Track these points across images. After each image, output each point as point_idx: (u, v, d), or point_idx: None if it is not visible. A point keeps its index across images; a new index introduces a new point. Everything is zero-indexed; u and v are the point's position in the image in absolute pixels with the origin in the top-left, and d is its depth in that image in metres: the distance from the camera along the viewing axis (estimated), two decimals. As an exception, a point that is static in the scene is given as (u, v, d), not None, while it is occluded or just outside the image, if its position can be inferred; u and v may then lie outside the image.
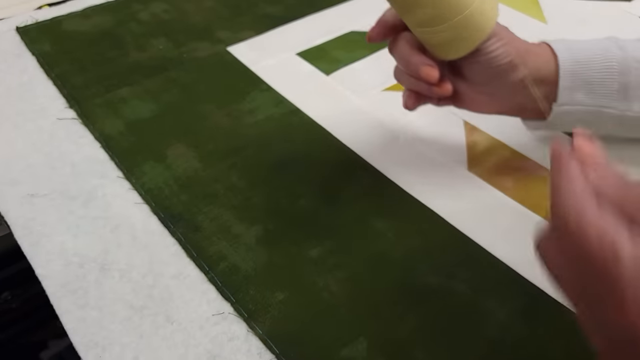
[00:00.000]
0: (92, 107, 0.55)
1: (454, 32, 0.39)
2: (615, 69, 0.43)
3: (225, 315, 0.39)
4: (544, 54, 0.43)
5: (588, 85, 0.43)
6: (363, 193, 0.47)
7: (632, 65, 0.43)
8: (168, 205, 0.46)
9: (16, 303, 0.78)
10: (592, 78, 0.43)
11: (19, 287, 0.78)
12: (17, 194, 0.46)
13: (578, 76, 0.43)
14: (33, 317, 0.84)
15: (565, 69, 0.43)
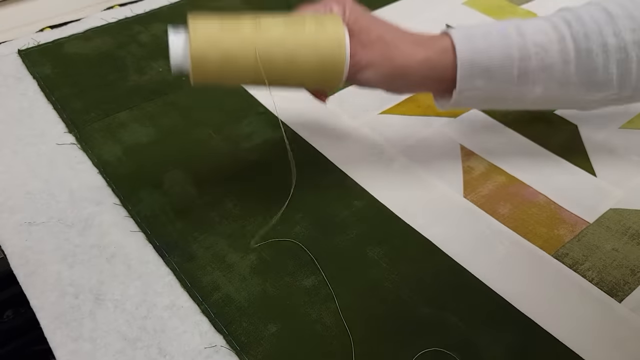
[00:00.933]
0: (91, 131, 0.55)
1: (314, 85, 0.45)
2: (514, 56, 0.44)
3: (218, 348, 0.39)
4: (440, 44, 0.44)
5: (487, 72, 0.44)
6: (358, 219, 0.47)
7: (532, 50, 0.44)
8: (163, 233, 0.46)
9: (20, 321, 0.79)
10: (492, 66, 0.44)
11: (22, 305, 0.78)
12: (15, 222, 0.47)
13: (477, 64, 0.44)
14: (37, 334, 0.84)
15: (463, 58, 0.44)
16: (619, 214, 0.47)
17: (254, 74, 0.40)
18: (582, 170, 0.51)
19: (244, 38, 0.39)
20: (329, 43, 0.41)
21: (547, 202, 0.48)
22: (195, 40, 0.38)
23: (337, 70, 0.42)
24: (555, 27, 0.44)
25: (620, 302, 0.40)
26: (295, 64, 0.41)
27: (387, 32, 0.44)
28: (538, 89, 0.45)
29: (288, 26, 0.41)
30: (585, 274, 0.42)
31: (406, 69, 0.44)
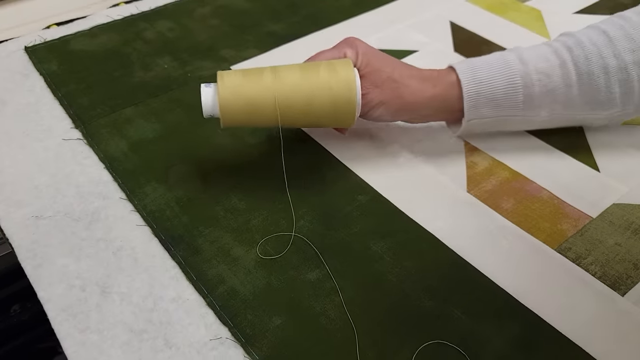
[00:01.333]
0: (97, 127, 0.56)
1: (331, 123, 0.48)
2: (518, 83, 0.47)
3: (223, 340, 0.39)
4: (446, 79, 0.48)
5: (493, 101, 0.47)
6: (362, 214, 0.47)
7: (534, 77, 0.46)
8: (169, 227, 0.46)
9: (26, 315, 0.80)
10: (496, 95, 0.47)
11: (29, 300, 0.79)
12: (23, 216, 0.47)
13: (482, 95, 0.47)
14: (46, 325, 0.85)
15: (469, 90, 0.47)
16: (622, 209, 0.47)
17: (275, 118, 0.45)
18: (585, 166, 0.51)
19: (264, 86, 0.45)
20: (341, 86, 0.45)
21: (550, 197, 0.48)
22: (223, 91, 0.44)
23: (350, 111, 0.46)
24: (556, 53, 0.47)
25: (623, 295, 0.41)
26: (311, 107, 0.45)
27: (395, 71, 0.47)
28: (544, 112, 0.48)
29: (303, 73, 0.45)
30: (588, 268, 0.42)
31: (416, 104, 0.47)
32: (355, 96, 0.45)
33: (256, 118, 0.45)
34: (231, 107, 0.44)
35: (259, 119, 0.46)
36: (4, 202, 0.48)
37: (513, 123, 0.50)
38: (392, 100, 0.47)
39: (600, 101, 0.47)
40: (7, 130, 0.56)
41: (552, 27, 0.69)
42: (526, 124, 0.50)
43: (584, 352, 0.38)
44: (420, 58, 0.64)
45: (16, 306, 0.77)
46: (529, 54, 0.47)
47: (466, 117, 0.48)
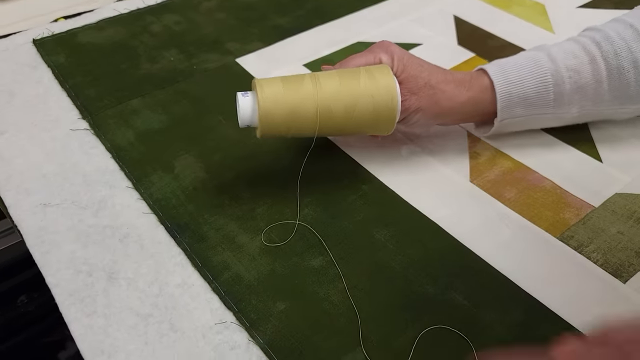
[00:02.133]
0: (104, 118, 0.56)
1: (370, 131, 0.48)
2: (549, 81, 0.47)
3: (228, 324, 0.40)
4: (480, 83, 0.48)
5: (525, 100, 0.47)
6: (365, 203, 0.47)
7: (565, 74, 0.47)
8: (175, 215, 0.47)
9: (33, 306, 0.81)
10: (528, 94, 0.47)
11: (35, 290, 0.80)
12: (31, 203, 0.48)
13: (514, 95, 0.47)
14: (50, 318, 0.86)
15: (502, 91, 0.47)
16: (625, 199, 0.47)
17: (315, 127, 0.44)
18: (588, 157, 0.51)
19: (305, 95, 0.43)
20: (382, 93, 0.44)
21: (553, 187, 0.48)
22: (263, 100, 0.43)
23: (390, 118, 0.45)
24: (585, 49, 0.47)
25: (625, 282, 0.41)
26: (352, 116, 0.44)
27: (432, 77, 0.47)
28: (574, 109, 0.48)
29: (343, 80, 0.44)
30: (590, 255, 0.43)
31: (452, 109, 0.47)
32: (396, 104, 0.44)
33: (296, 127, 0.44)
34: (272, 116, 0.43)
35: (298, 128, 0.44)
36: (13, 190, 0.49)
37: (543, 121, 0.50)
38: (430, 107, 0.47)
39: (630, 96, 0.47)
40: (16, 120, 0.56)
41: (556, 21, 0.70)
42: (556, 121, 0.50)
43: (585, 337, 0.38)
44: (424, 51, 0.65)
45: (23, 297, 0.78)
46: (557, 52, 0.47)
47: (499, 117, 0.48)
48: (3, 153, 0.53)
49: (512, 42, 0.66)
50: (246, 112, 0.43)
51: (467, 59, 0.64)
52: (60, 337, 0.87)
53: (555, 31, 0.68)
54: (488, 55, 0.64)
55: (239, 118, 0.44)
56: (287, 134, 0.45)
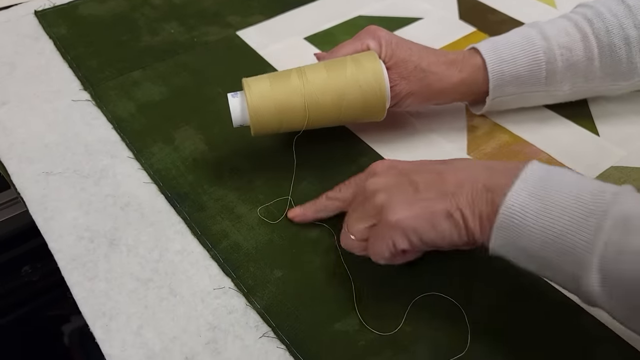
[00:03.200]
0: (106, 89, 0.57)
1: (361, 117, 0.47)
2: (541, 59, 0.47)
3: (226, 289, 0.41)
4: (472, 62, 0.47)
5: (517, 79, 0.47)
6: (360, 170, 0.48)
7: (557, 52, 0.46)
8: (175, 185, 0.48)
9: (36, 276, 0.82)
10: (520, 72, 0.47)
11: (39, 260, 0.82)
12: (34, 171, 0.49)
13: (506, 73, 0.47)
14: (55, 291, 0.88)
15: (494, 70, 0.47)
16: (620, 172, 0.47)
17: (305, 118, 0.44)
18: (585, 131, 0.51)
19: (292, 89, 0.44)
20: (370, 82, 0.44)
21: (549, 160, 0.49)
22: (251, 98, 0.43)
23: (380, 105, 0.45)
24: (576, 26, 0.47)
25: (616, 253, 0.42)
26: (341, 106, 0.44)
27: (422, 60, 0.46)
28: (566, 86, 0.48)
29: (330, 72, 0.44)
30: (583, 227, 0.43)
31: (444, 91, 0.47)
32: (385, 90, 0.44)
33: (287, 122, 0.44)
34: (262, 114, 0.44)
35: (289, 122, 0.45)
36: (16, 159, 0.50)
37: (535, 98, 0.50)
38: (421, 90, 0.46)
39: (622, 72, 0.47)
40: (18, 91, 0.57)
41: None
42: (548, 98, 0.50)
43: (576, 304, 0.39)
44: (425, 25, 0.65)
45: (27, 267, 0.80)
46: (550, 29, 0.47)
47: (491, 95, 0.48)
48: (5, 123, 0.53)
49: (514, 17, 0.65)
50: (236, 112, 0.44)
51: (468, 33, 0.64)
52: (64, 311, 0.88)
53: (558, 6, 0.67)
54: (489, 29, 0.64)
55: (232, 118, 0.44)
56: (280, 130, 0.45)
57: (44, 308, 0.89)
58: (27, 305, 0.87)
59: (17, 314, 0.87)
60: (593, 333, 0.38)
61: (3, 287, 0.83)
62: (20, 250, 0.78)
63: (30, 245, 0.77)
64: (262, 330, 0.38)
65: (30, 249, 0.78)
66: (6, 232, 0.74)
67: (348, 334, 0.38)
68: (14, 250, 0.78)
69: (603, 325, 0.38)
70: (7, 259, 0.78)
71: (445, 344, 0.37)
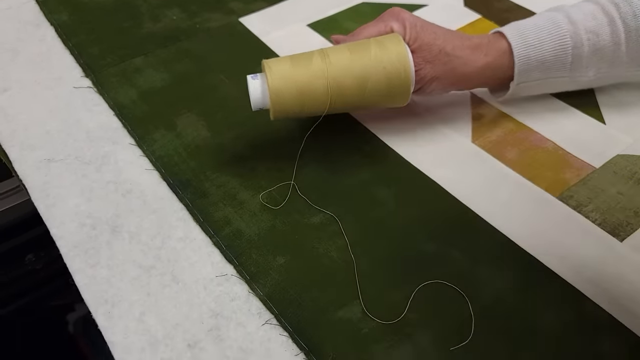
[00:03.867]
0: (107, 76, 0.56)
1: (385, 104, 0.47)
2: (568, 44, 0.46)
3: (228, 276, 0.40)
4: (497, 46, 0.46)
5: (542, 63, 0.46)
6: (366, 162, 0.48)
7: (584, 37, 0.46)
8: (177, 172, 0.47)
9: (40, 264, 0.82)
10: (546, 57, 0.46)
11: (42, 249, 0.82)
12: (35, 158, 0.48)
13: (532, 58, 0.46)
14: (58, 280, 0.88)
15: (520, 54, 0.46)
16: (626, 160, 0.47)
17: (328, 102, 0.43)
18: (591, 119, 0.51)
19: (314, 71, 0.42)
20: (395, 64, 0.43)
21: (554, 148, 0.48)
22: (272, 79, 0.42)
23: (405, 89, 0.44)
24: (604, 10, 0.46)
25: (622, 241, 0.41)
26: (365, 89, 0.43)
27: (447, 43, 0.45)
28: (591, 72, 0.47)
29: (353, 53, 0.43)
30: (589, 215, 0.43)
31: (469, 76, 0.46)
32: (410, 73, 0.43)
33: (309, 105, 0.43)
34: (283, 96, 0.42)
35: (311, 106, 0.43)
36: (18, 146, 0.49)
37: (560, 84, 0.49)
38: (445, 75, 0.46)
39: None
40: (20, 78, 0.57)
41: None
42: (572, 84, 0.49)
43: (580, 293, 0.38)
44: (430, 12, 0.64)
45: (30, 255, 0.80)
46: (576, 13, 0.46)
47: (515, 80, 0.47)
48: (7, 110, 0.53)
49: (520, 4, 0.65)
50: (257, 95, 0.43)
51: (473, 20, 0.63)
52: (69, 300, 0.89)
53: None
54: (495, 17, 0.63)
55: (251, 101, 0.43)
56: (301, 114, 0.44)
57: (48, 296, 0.90)
58: (31, 294, 0.88)
59: (21, 302, 0.88)
60: (596, 320, 0.37)
61: (7, 275, 0.84)
62: (23, 239, 0.78)
63: (34, 233, 0.77)
64: (264, 318, 0.38)
65: (34, 237, 0.78)
66: (9, 220, 0.74)
67: (351, 321, 0.37)
68: (18, 239, 0.78)
69: (606, 313, 0.37)
70: (11, 247, 0.78)
71: (449, 332, 0.37)
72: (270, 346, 0.37)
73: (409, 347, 0.36)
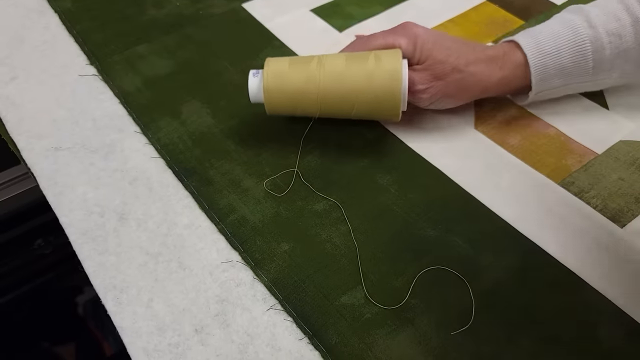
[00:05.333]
0: (112, 63, 0.57)
1: None
2: (588, 49, 0.44)
3: (234, 263, 0.41)
4: (513, 59, 0.45)
5: (562, 70, 0.45)
6: (369, 149, 0.48)
7: (605, 40, 0.44)
8: (182, 159, 0.48)
9: (49, 249, 0.84)
10: (565, 64, 0.45)
11: (51, 234, 0.83)
12: (43, 147, 0.49)
13: (550, 66, 0.45)
14: (68, 263, 0.89)
15: (536, 64, 0.45)
16: (629, 146, 0.47)
17: (318, 107, 0.45)
18: (595, 104, 0.51)
19: (308, 76, 0.44)
20: (385, 83, 0.43)
21: (557, 134, 0.48)
22: (267, 78, 0.44)
23: (394, 108, 0.44)
24: (628, 9, 0.44)
25: (622, 227, 0.42)
26: (353, 102, 0.44)
27: (460, 60, 0.44)
28: (615, 74, 0.46)
29: (348, 65, 0.44)
30: (590, 201, 0.43)
31: (483, 91, 0.46)
32: (400, 95, 0.43)
33: (301, 108, 0.45)
34: (276, 96, 0.45)
35: (303, 109, 0.45)
36: (25, 135, 0.50)
37: (582, 87, 0.48)
38: (459, 94, 0.46)
39: None
40: (26, 66, 0.57)
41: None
42: (596, 86, 0.48)
43: (579, 279, 0.39)
44: (434, -4, 0.63)
45: (40, 240, 0.81)
46: (597, 15, 0.44)
47: (534, 90, 0.46)
48: (15, 99, 0.54)
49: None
50: (253, 90, 0.45)
51: (478, 4, 0.62)
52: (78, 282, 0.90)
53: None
54: (500, 1, 0.62)
55: (250, 95, 0.46)
56: (295, 113, 0.46)
57: (58, 280, 0.91)
58: (41, 277, 0.89)
59: (32, 285, 0.89)
60: (595, 306, 0.38)
61: (18, 259, 0.85)
62: (32, 224, 0.79)
63: (43, 219, 0.78)
64: (269, 303, 0.39)
65: (43, 222, 0.79)
66: (18, 206, 0.76)
67: (354, 307, 0.38)
68: (26, 224, 0.79)
69: (605, 299, 0.38)
70: (20, 232, 0.80)
71: (450, 318, 0.38)
72: (275, 331, 0.38)
73: (411, 331, 0.37)
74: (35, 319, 0.94)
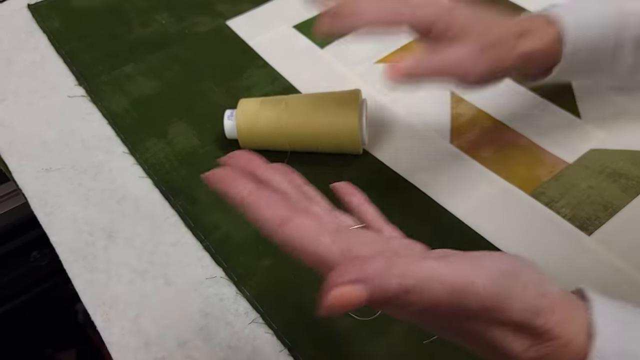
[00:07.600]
0: (100, 84, 0.58)
1: None
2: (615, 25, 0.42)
3: (218, 279, 0.43)
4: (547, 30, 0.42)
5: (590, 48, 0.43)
6: (344, 165, 0.50)
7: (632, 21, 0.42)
8: (169, 179, 0.50)
9: (45, 261, 0.86)
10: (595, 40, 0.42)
11: (46, 247, 0.85)
12: (33, 168, 0.51)
13: (580, 42, 0.42)
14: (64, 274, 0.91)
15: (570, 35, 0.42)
16: (599, 154, 0.49)
17: (286, 144, 0.50)
18: (567, 113, 0.52)
19: (276, 118, 0.49)
20: (344, 133, 0.48)
21: (529, 145, 0.50)
22: (238, 118, 0.49)
23: (354, 145, 0.49)
24: None
25: (589, 235, 0.43)
26: (316, 143, 0.49)
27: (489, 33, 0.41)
28: (630, 59, 0.43)
29: (310, 112, 0.49)
30: (560, 210, 0.45)
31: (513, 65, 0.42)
32: (358, 141, 0.48)
33: (273, 145, 0.50)
34: (247, 134, 0.49)
35: (275, 145, 0.50)
36: (16, 156, 0.52)
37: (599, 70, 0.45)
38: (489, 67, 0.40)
39: None
40: (15, 88, 0.59)
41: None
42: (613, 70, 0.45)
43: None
44: None
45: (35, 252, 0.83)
46: None
47: (562, 63, 0.42)
48: (4, 120, 0.55)
49: None
50: (229, 131, 0.50)
51: None
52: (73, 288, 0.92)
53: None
54: None
55: (225, 132, 0.50)
56: (269, 148, 0.50)
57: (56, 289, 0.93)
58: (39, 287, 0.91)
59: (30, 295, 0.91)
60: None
61: (16, 271, 0.87)
62: (28, 237, 0.81)
63: (38, 232, 0.80)
64: (251, 317, 0.41)
65: (38, 235, 0.81)
66: (14, 220, 0.77)
67: (330, 319, 0.40)
68: (23, 237, 0.81)
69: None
70: (17, 245, 0.82)
71: (420, 328, 0.39)
72: (256, 343, 0.39)
73: (384, 342, 0.39)
74: (37, 327, 0.96)
